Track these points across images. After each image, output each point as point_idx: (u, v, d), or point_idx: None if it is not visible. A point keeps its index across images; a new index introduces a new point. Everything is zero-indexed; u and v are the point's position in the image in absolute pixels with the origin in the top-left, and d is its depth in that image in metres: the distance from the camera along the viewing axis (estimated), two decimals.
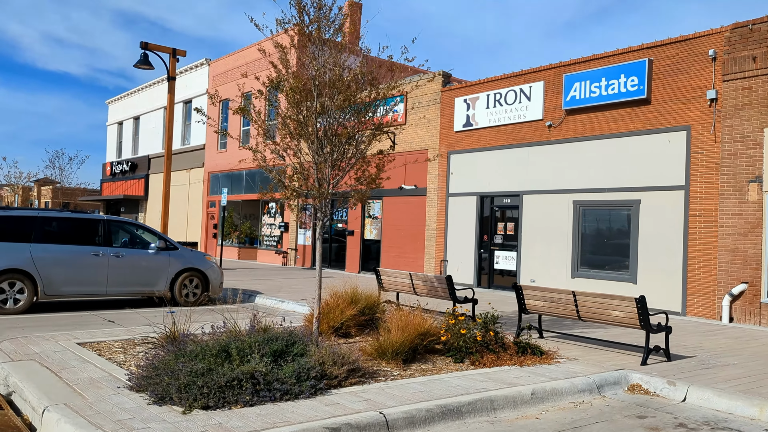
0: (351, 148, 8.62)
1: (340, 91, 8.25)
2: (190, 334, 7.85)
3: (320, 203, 8.67)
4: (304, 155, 8.70)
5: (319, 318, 8.62)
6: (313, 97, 8.39)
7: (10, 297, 11.87)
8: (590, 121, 15.95)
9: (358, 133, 8.58)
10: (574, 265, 16.12)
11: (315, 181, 8.62)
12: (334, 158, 8.46)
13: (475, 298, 11.29)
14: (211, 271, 14.21)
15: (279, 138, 8.90)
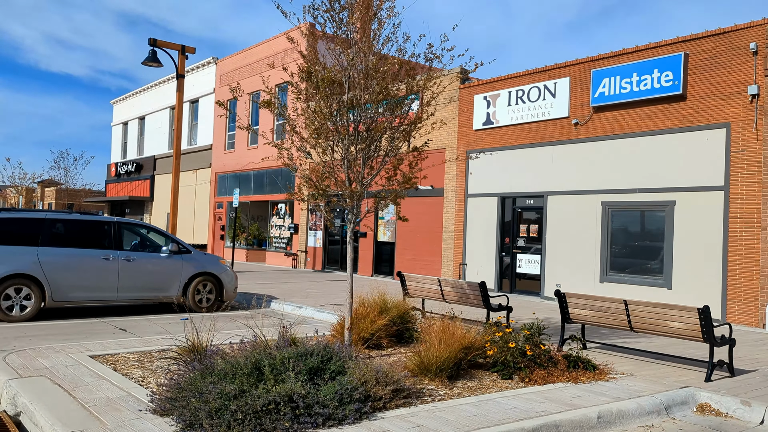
0: (386, 145, 7.95)
1: (377, 83, 7.56)
2: (216, 349, 7.19)
3: (351, 204, 7.99)
4: (333, 153, 8.02)
5: (350, 329, 7.96)
6: (344, 89, 7.71)
7: (17, 304, 11.23)
8: (620, 119, 15.27)
9: (394, 128, 7.89)
10: (603, 269, 15.43)
11: (346, 180, 7.93)
12: (366, 155, 7.78)
13: (510, 305, 10.62)
14: (226, 275, 13.55)
15: (307, 134, 8.20)
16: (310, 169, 8.18)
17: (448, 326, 7.85)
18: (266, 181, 28.11)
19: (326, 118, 7.76)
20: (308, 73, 7.67)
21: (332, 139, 7.84)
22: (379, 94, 7.63)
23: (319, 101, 7.70)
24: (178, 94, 20.93)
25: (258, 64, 28.98)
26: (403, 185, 8.11)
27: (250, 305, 14.58)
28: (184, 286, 12.97)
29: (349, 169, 7.89)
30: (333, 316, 12.42)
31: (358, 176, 7.87)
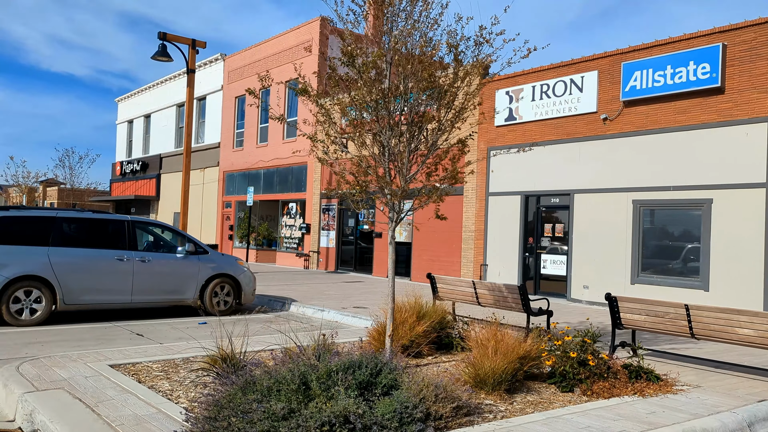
0: (431, 136, 7.34)
1: (425, 68, 6.96)
2: (252, 360, 6.59)
3: (394, 201, 7.38)
4: (374, 145, 7.41)
5: (392, 336, 7.35)
6: (385, 75, 7.10)
7: (26, 307, 10.63)
8: (652, 113, 14.65)
9: (441, 118, 7.29)
10: (634, 270, 14.81)
11: (386, 175, 7.32)
12: (411, 148, 7.17)
13: (550, 309, 10.01)
14: (244, 277, 12.95)
15: (345, 124, 7.59)
16: (352, 163, 7.53)
17: (496, 333, 7.25)
18: (277, 179, 27.50)
19: (368, 107, 7.12)
20: (351, 57, 7.00)
21: (374, 130, 7.20)
22: (425, 80, 7.01)
23: (361, 87, 7.05)
24: (189, 90, 20.36)
25: (267, 60, 28.37)
26: (449, 181, 7.48)
27: (269, 308, 13.98)
28: (201, 289, 12.37)
29: (392, 164, 7.27)
30: (359, 320, 11.82)
31: (402, 171, 7.25)
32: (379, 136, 7.20)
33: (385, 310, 8.83)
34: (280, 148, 27.21)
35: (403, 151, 7.18)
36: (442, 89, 7.18)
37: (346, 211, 23.89)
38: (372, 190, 7.65)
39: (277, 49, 27.84)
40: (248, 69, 29.73)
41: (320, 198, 24.93)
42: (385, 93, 7.02)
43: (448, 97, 7.20)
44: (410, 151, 7.21)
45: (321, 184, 24.85)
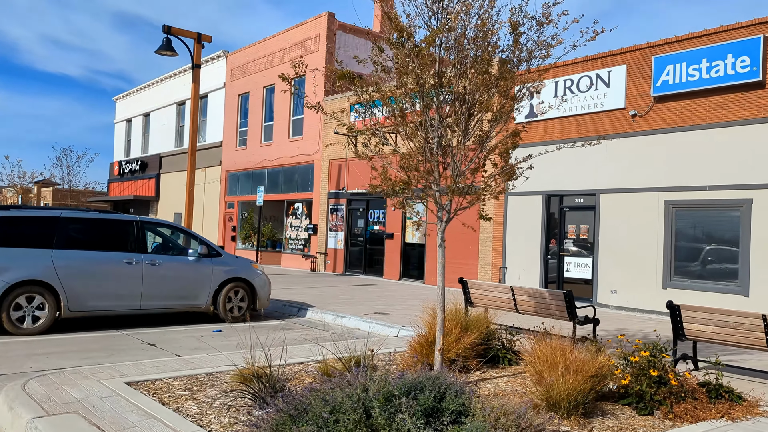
0: (485, 128, 6.62)
1: (483, 49, 6.22)
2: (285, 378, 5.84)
3: (443, 199, 6.64)
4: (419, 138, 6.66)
5: (442, 350, 6.60)
6: (436, 58, 6.36)
7: (28, 314, 9.85)
8: (686, 109, 13.95)
9: (499, 106, 6.56)
10: (666, 274, 14.10)
11: (435, 169, 6.59)
12: (465, 140, 6.44)
13: (597, 317, 9.28)
14: (259, 281, 12.18)
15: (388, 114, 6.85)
16: (395, 158, 6.77)
17: (559, 346, 6.52)
18: (282, 179, 26.71)
19: (414, 96, 6.38)
20: (406, 35, 6.21)
21: (425, 120, 6.46)
22: (485, 62, 6.28)
23: (414, 70, 6.29)
24: (194, 85, 19.59)
25: (272, 57, 27.60)
26: (504, 176, 6.74)
27: (284, 314, 13.23)
28: (214, 294, 11.61)
29: (442, 158, 6.54)
30: (384, 328, 11.07)
31: (455, 166, 6.51)
32: (430, 128, 6.44)
33: (425, 320, 8.11)
34: (286, 147, 26.44)
35: (456, 144, 6.43)
36: (502, 73, 6.45)
37: (355, 212, 23.13)
38: (418, 187, 6.89)
39: (282, 46, 27.07)
40: (252, 66, 28.95)
41: (328, 198, 24.17)
42: (441, 78, 6.26)
43: (507, 83, 6.47)
44: (464, 143, 6.47)
45: (329, 183, 24.09)
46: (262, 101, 28.25)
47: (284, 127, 26.65)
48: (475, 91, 6.32)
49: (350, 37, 25.13)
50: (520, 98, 6.77)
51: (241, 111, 29.98)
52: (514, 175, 6.80)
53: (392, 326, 10.99)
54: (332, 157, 23.98)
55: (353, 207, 23.17)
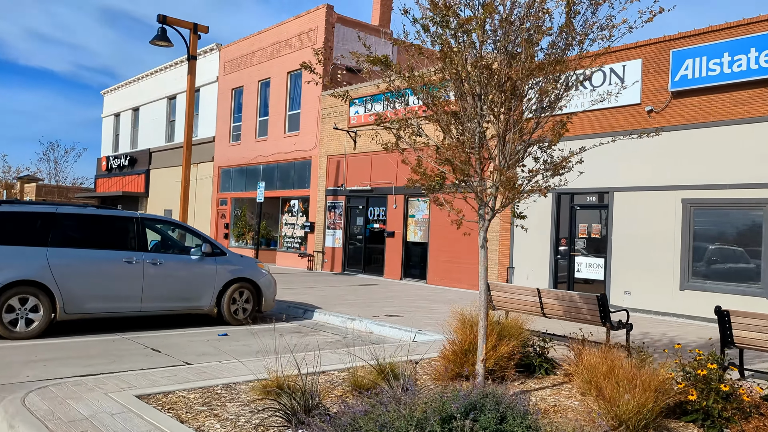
0: (538, 116, 6.09)
1: (537, 29, 5.67)
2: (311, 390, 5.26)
3: (485, 195, 6.08)
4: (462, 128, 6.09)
5: (485, 361, 6.05)
6: (484, 39, 5.79)
7: (21, 317, 9.19)
8: (706, 105, 13.49)
9: (551, 93, 6.03)
10: (683, 275, 13.64)
11: (478, 161, 6.03)
12: (515, 130, 5.89)
13: (630, 323, 8.77)
14: (265, 281, 11.58)
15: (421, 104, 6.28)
16: (445, 148, 6.19)
17: (608, 356, 6.00)
18: (277, 175, 26.05)
19: (463, 79, 5.81)
20: (452, 12, 5.62)
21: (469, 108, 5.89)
22: (536, 45, 5.72)
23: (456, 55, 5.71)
24: (190, 77, 18.93)
25: (267, 50, 26.92)
26: (556, 170, 6.20)
27: (289, 315, 12.63)
28: (219, 295, 10.99)
29: (486, 149, 5.98)
30: (400, 332, 10.50)
31: (504, 157, 5.95)
32: (474, 115, 5.88)
33: (454, 325, 7.56)
34: (282, 143, 25.79)
35: (503, 133, 5.88)
36: (555, 56, 5.90)
37: (354, 209, 22.53)
38: (453, 182, 6.33)
39: (278, 39, 26.40)
40: (246, 60, 28.26)
41: (326, 195, 23.55)
42: (489, 61, 5.69)
43: (562, 67, 5.92)
44: (513, 133, 5.91)
45: (327, 180, 23.47)
46: (256, 95, 27.57)
47: (280, 122, 26.00)
48: (526, 76, 5.76)
49: (349, 30, 24.51)
50: (572, 85, 6.22)
51: (234, 105, 29.28)
52: (563, 169, 6.22)
53: (408, 330, 10.43)
54: (330, 153, 23.37)
55: (352, 204, 22.57)
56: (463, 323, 7.46)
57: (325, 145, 23.61)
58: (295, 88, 25.60)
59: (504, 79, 5.71)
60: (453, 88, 5.95)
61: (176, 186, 31.64)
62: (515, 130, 5.86)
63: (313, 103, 24.23)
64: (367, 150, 21.75)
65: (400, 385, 5.33)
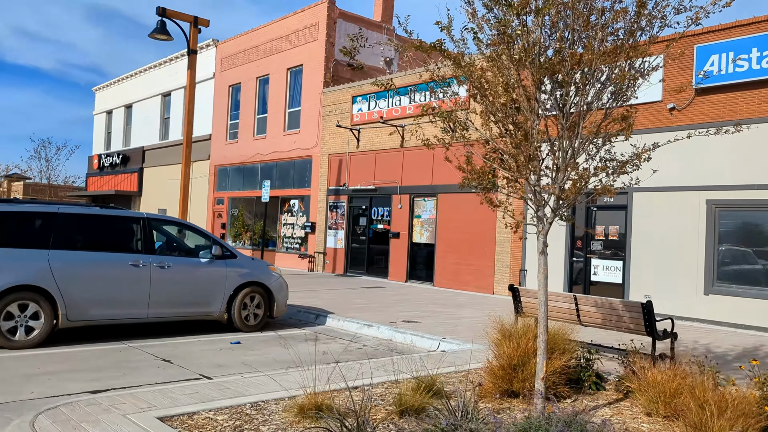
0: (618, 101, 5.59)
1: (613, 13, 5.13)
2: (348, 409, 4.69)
3: (542, 196, 5.53)
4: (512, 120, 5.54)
5: (545, 379, 5.48)
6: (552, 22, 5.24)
7: (21, 325, 8.54)
8: (732, 102, 13.01)
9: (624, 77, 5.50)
10: (707, 278, 13.15)
11: (535, 157, 5.47)
12: (583, 122, 5.36)
13: (675, 332, 8.24)
14: (276, 285, 10.98)
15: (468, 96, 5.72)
16: (502, 142, 5.62)
17: (676, 372, 5.46)
18: (276, 174, 25.39)
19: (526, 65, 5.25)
20: None
21: (528, 97, 5.33)
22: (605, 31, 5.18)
23: (525, 36, 5.14)
24: (190, 72, 18.30)
25: (266, 46, 26.28)
26: (619, 170, 5.67)
27: (300, 321, 12.04)
28: (229, 300, 10.38)
29: (562, 144, 5.43)
30: (422, 340, 9.93)
31: (569, 154, 5.40)
32: (537, 105, 5.33)
33: (492, 335, 7.00)
34: (281, 141, 25.15)
35: (573, 126, 5.33)
36: (627, 41, 5.36)
37: (357, 209, 21.93)
38: (508, 179, 5.77)
39: (277, 34, 25.75)
40: (244, 56, 27.60)
41: (327, 195, 22.94)
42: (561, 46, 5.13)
43: (638, 52, 5.38)
44: (582, 127, 5.37)
45: (328, 179, 22.86)
46: (255, 92, 26.91)
47: (279, 120, 25.36)
48: (598, 61, 5.22)
49: (351, 26, 23.90)
50: (646, 73, 5.68)
51: (231, 103, 28.61)
52: (632, 166, 5.68)
53: (431, 338, 9.86)
54: (332, 151, 22.76)
55: (355, 204, 21.98)
56: (504, 334, 6.90)
57: (326, 143, 23.00)
58: (295, 84, 24.96)
59: (574, 64, 5.15)
60: (515, 72, 5.38)
61: (171, 185, 30.95)
62: (583, 122, 5.30)
63: (314, 101, 23.61)
64: (370, 148, 21.17)
65: (458, 409, 4.76)
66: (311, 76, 23.81)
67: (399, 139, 20.02)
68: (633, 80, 5.47)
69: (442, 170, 18.64)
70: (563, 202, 5.54)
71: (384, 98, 20.66)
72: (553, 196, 5.50)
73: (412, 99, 19.66)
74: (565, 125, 5.33)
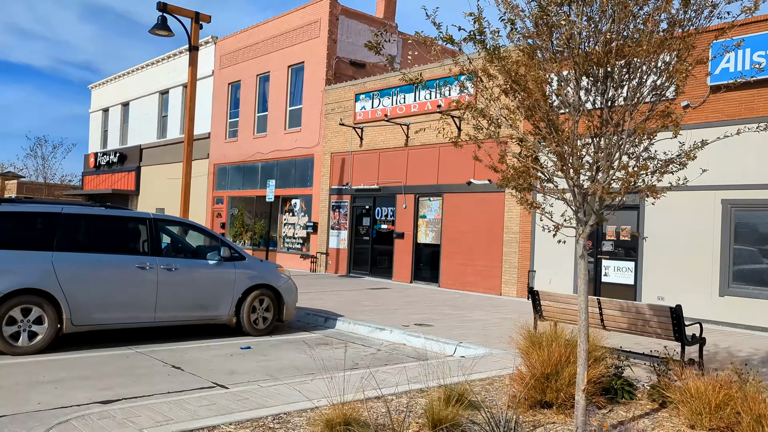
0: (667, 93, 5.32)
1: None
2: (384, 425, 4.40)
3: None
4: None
5: (587, 391, 5.19)
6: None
7: (24, 330, 8.21)
8: (748, 100, 12.76)
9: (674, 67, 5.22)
10: (723, 279, 12.90)
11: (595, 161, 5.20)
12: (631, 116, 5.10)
13: (704, 336, 7.96)
14: (286, 287, 10.67)
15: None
16: (549, 141, 5.33)
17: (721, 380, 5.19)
18: (277, 173, 25.04)
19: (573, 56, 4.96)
20: None
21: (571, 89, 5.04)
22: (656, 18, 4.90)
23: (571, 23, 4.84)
24: (191, 69, 17.99)
25: (266, 43, 25.94)
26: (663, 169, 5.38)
27: (309, 324, 11.73)
28: (238, 303, 10.06)
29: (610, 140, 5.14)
30: (439, 344, 9.62)
31: (615, 150, 5.12)
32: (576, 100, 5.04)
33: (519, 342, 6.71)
34: (282, 139, 24.82)
35: (621, 121, 5.05)
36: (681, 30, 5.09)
37: (360, 209, 21.61)
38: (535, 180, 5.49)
39: (278, 31, 25.41)
40: (243, 53, 27.25)
41: (329, 194, 22.61)
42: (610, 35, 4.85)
43: (685, 43, 5.11)
44: (631, 122, 5.09)
45: (331, 178, 22.54)
46: (255, 90, 26.57)
47: (280, 118, 25.03)
48: (654, 51, 4.93)
49: (353, 23, 23.60)
50: (703, 60, 5.40)
51: (231, 101, 28.26)
52: (679, 165, 5.40)
53: (446, 342, 9.56)
54: (334, 150, 22.44)
55: (358, 204, 21.66)
56: (533, 341, 6.61)
57: (328, 141, 22.68)
58: (296, 82, 24.63)
59: (624, 55, 4.86)
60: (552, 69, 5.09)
61: (169, 184, 30.60)
62: (630, 118, 5.01)
63: (315, 98, 23.28)
64: (374, 147, 20.86)
65: (498, 422, 4.47)
66: (313, 73, 23.49)
67: (403, 137, 19.72)
68: (685, 74, 5.13)
69: (447, 169, 18.35)
70: (607, 202, 5.23)
71: (388, 96, 20.36)
72: (595, 197, 5.19)
73: (417, 97, 19.37)
74: (611, 121, 5.02)
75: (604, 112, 5.09)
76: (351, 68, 23.55)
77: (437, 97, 18.62)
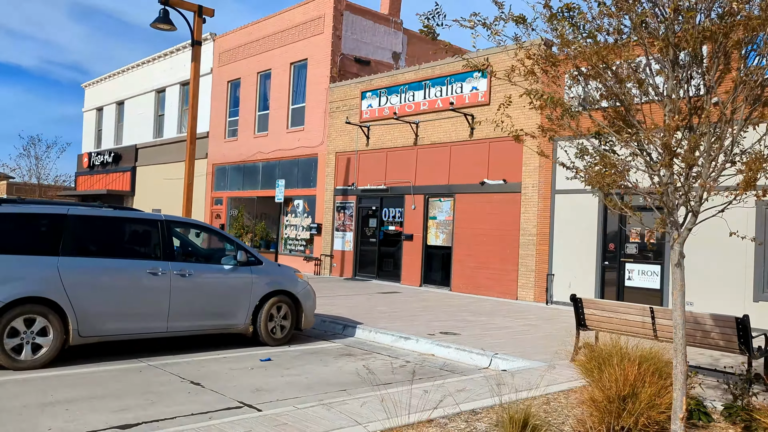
0: None
1: None
2: None
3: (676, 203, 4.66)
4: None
5: (684, 420, 4.56)
6: None
7: (27, 342, 7.52)
8: None
9: None
10: (758, 284, 12.34)
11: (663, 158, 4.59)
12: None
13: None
14: (304, 293, 10.00)
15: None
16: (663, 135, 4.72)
17: None
18: (279, 173, 24.32)
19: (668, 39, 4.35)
20: None
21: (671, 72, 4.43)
22: None
23: None
24: (194, 65, 17.34)
25: (267, 40, 25.24)
26: (759, 165, 4.80)
27: (326, 332, 11.08)
28: (255, 310, 9.39)
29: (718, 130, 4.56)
30: (470, 356, 8.98)
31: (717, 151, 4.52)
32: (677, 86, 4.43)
33: (582, 359, 6.09)
34: (284, 138, 24.13)
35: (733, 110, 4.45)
36: None
37: (366, 210, 20.94)
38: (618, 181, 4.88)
39: (280, 27, 24.72)
40: (243, 50, 26.54)
41: (334, 195, 21.94)
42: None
43: None
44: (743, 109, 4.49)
45: (335, 179, 21.86)
46: (255, 88, 25.86)
47: (282, 117, 24.33)
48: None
49: (358, 19, 22.95)
50: None
51: (230, 99, 27.53)
52: None
53: (480, 353, 8.92)
54: (339, 149, 21.77)
55: (364, 205, 20.99)
56: (598, 359, 5.98)
57: (333, 141, 22.01)
58: (299, 80, 23.95)
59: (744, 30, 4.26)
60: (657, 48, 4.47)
61: (165, 184, 29.86)
62: (746, 104, 4.42)
63: (319, 96, 22.61)
64: (381, 146, 20.21)
65: None
66: (316, 70, 22.82)
67: (412, 136, 19.09)
68: None
69: (459, 169, 17.73)
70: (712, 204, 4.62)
71: (396, 93, 19.72)
72: (703, 195, 4.60)
73: (426, 94, 18.74)
74: (724, 109, 4.41)
75: (706, 98, 4.47)
76: (356, 65, 22.90)
77: (449, 94, 17.99)
